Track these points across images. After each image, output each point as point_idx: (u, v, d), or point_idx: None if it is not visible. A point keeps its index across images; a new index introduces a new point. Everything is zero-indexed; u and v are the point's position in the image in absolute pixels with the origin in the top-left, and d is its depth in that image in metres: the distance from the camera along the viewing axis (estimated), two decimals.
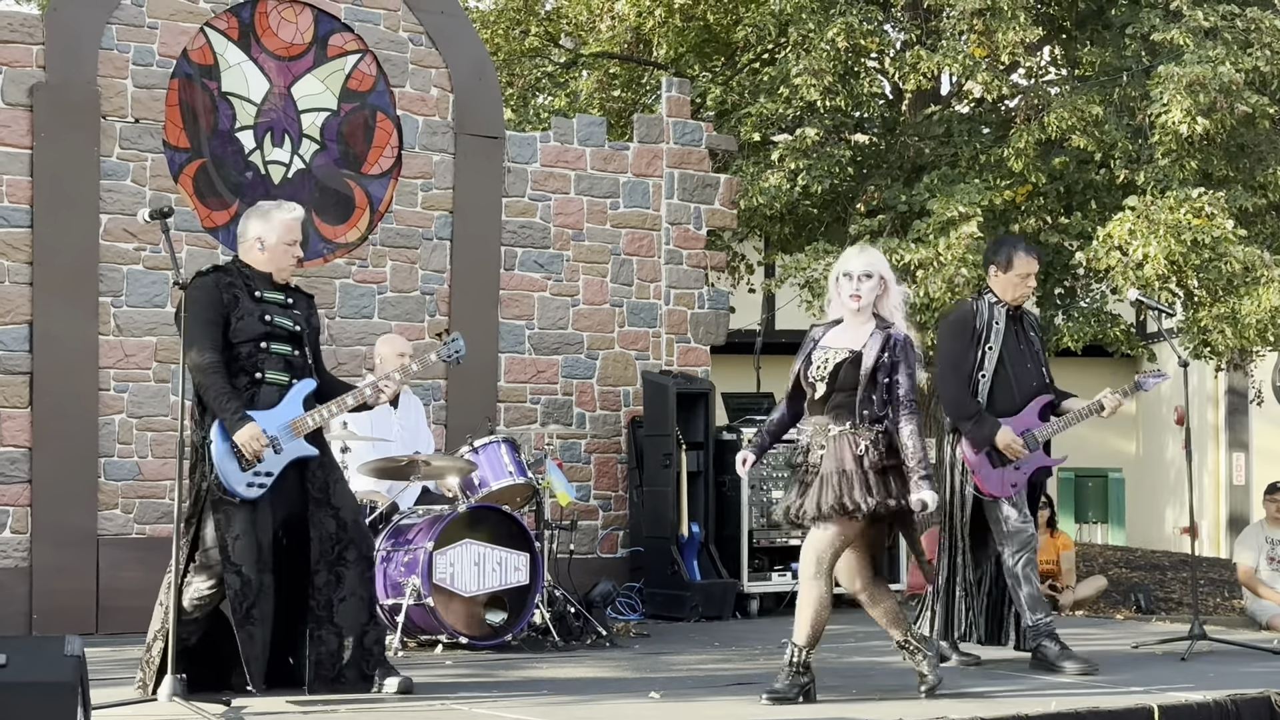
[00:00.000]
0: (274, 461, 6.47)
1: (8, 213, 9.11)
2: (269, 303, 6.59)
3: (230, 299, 6.51)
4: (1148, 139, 11.58)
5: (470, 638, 8.19)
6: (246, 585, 6.36)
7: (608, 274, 11.03)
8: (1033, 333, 7.64)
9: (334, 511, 6.61)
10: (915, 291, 11.33)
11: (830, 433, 6.39)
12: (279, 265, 6.67)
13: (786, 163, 12.25)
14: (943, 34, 12.11)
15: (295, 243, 6.71)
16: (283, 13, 9.98)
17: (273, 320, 6.56)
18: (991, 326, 7.44)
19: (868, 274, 6.44)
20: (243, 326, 6.50)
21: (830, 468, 6.33)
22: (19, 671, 4.70)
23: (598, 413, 10.95)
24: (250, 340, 6.51)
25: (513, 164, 10.72)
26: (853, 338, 6.46)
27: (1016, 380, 7.43)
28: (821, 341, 6.54)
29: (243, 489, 6.42)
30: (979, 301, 7.58)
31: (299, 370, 6.63)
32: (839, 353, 6.43)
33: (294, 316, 6.65)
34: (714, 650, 8.62)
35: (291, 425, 6.52)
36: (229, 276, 6.60)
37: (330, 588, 6.54)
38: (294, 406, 6.56)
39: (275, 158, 9.90)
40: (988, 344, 7.43)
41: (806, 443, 6.50)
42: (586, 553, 10.62)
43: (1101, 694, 6.67)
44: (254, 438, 6.36)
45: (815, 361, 6.47)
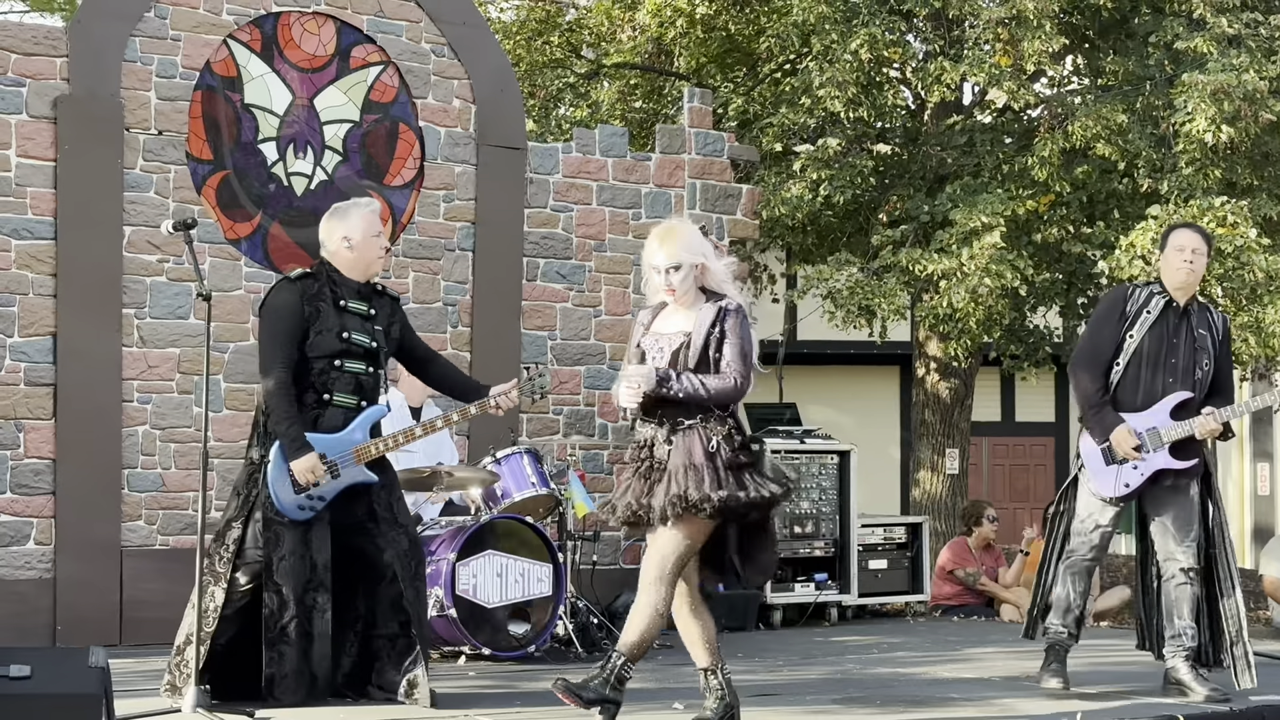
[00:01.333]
0: (329, 486, 6.45)
1: (32, 225, 9.14)
2: (351, 314, 6.54)
3: (312, 311, 6.47)
4: (1171, 148, 11.55)
5: (493, 649, 8.18)
6: (284, 605, 6.37)
7: (630, 284, 11.02)
8: (1203, 331, 6.99)
9: (403, 529, 6.63)
10: (939, 302, 11.31)
11: (681, 425, 5.91)
12: (368, 260, 6.62)
13: (809, 173, 12.24)
14: (965, 44, 12.10)
15: (380, 234, 6.70)
16: (305, 25, 10.00)
17: (350, 337, 6.50)
18: (1141, 314, 6.95)
19: (675, 266, 5.99)
20: (320, 342, 6.47)
21: (678, 462, 5.87)
22: (44, 683, 4.71)
23: (620, 423, 10.94)
24: (325, 357, 6.47)
25: (535, 175, 10.73)
26: (684, 319, 6.03)
27: (1151, 375, 6.92)
28: (652, 328, 6.11)
29: (294, 511, 6.42)
30: (1140, 287, 7.12)
31: (368, 392, 6.59)
32: (673, 338, 6.00)
33: (372, 331, 6.59)
34: (737, 661, 8.58)
35: (355, 452, 6.49)
36: (317, 283, 6.54)
37: (416, 604, 6.56)
38: (360, 433, 6.53)
39: (298, 169, 9.92)
40: (1129, 331, 6.94)
41: (649, 436, 5.98)
42: (609, 564, 10.60)
43: (1126, 704, 6.64)
44: (310, 469, 6.36)
45: (649, 350, 6.04)
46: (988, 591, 11.64)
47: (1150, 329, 6.94)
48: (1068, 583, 7.09)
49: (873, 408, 19.10)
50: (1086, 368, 7.02)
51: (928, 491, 13.99)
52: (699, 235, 6.13)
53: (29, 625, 8.83)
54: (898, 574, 11.31)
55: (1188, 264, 6.96)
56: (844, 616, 10.89)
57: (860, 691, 7.12)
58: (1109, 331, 7.00)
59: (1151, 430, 6.88)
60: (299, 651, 6.40)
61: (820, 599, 10.70)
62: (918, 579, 11.40)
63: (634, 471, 5.99)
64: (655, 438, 5.94)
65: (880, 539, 11.27)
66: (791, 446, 10.81)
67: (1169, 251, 7.02)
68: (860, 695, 6.98)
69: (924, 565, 11.41)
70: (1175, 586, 6.93)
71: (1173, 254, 7.00)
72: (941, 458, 14.07)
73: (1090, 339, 7.09)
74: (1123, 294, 7.11)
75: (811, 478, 10.84)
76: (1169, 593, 6.96)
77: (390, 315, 6.73)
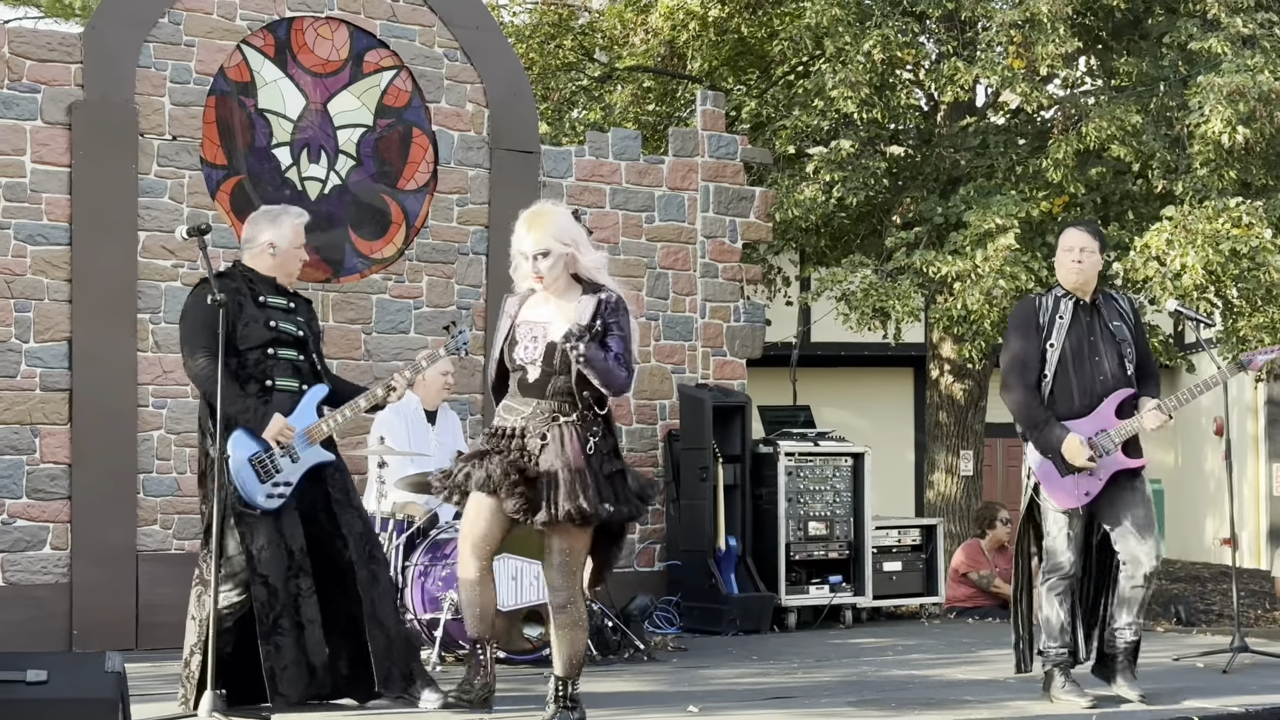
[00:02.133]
0: (292, 470, 6.52)
1: (47, 231, 9.16)
2: (272, 308, 6.64)
3: (234, 306, 6.51)
4: (1186, 149, 11.52)
5: (508, 652, 8.18)
6: (273, 595, 6.40)
7: (643, 287, 11.04)
8: (1117, 321, 6.97)
9: (358, 512, 6.69)
10: (953, 304, 11.30)
11: (557, 421, 5.78)
12: (289, 269, 6.74)
13: (822, 175, 12.24)
14: (979, 45, 12.09)
15: (304, 246, 6.79)
16: (319, 30, 10.02)
17: (277, 325, 6.60)
18: (1054, 322, 6.92)
19: (543, 252, 5.82)
20: (248, 333, 6.53)
21: (559, 464, 5.72)
22: (60, 688, 4.73)
23: (634, 426, 10.95)
24: (257, 347, 6.55)
25: (548, 178, 10.74)
26: (556, 309, 5.87)
27: (1079, 379, 6.86)
28: (521, 316, 5.93)
29: (262, 500, 6.46)
30: (1043, 297, 7.07)
31: (306, 376, 6.66)
32: (548, 328, 5.84)
33: (297, 322, 6.69)
34: (752, 664, 8.60)
35: (307, 433, 6.55)
36: (233, 282, 6.61)
37: (370, 586, 6.58)
38: (308, 414, 6.59)
39: (312, 174, 9.94)
40: (1049, 340, 6.90)
41: (517, 425, 5.83)
42: (624, 567, 10.58)
43: (1143, 707, 6.63)
44: (281, 430, 6.43)
45: (521, 340, 5.85)
46: (1002, 594, 11.62)
47: (1068, 334, 6.91)
48: (1053, 604, 6.90)
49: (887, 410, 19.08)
50: (1018, 384, 6.92)
51: (942, 493, 13.97)
52: (571, 220, 6.02)
53: (45, 630, 8.85)
54: (912, 576, 11.31)
55: (1076, 264, 6.94)
56: (859, 619, 10.89)
57: (875, 694, 7.12)
58: (1030, 345, 6.94)
59: (1101, 433, 6.82)
60: (293, 641, 6.42)
61: (835, 601, 10.70)
62: (932, 581, 11.40)
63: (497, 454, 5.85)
64: (526, 429, 5.83)
65: (895, 541, 11.27)
66: (806, 449, 10.81)
67: (1059, 253, 7.02)
68: (875, 698, 6.98)
69: (938, 567, 11.40)
70: (1132, 588, 6.88)
71: (1062, 254, 6.99)
72: (956, 459, 14.05)
73: (1013, 355, 6.98)
74: (1031, 306, 7.05)
75: (826, 480, 10.84)
76: (1124, 591, 6.89)
77: (309, 313, 6.83)
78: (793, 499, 10.66)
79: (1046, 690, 6.90)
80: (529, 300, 5.96)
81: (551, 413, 5.80)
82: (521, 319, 5.93)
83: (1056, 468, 6.84)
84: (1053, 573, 6.91)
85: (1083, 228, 7.05)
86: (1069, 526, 6.88)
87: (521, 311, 5.96)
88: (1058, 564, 6.89)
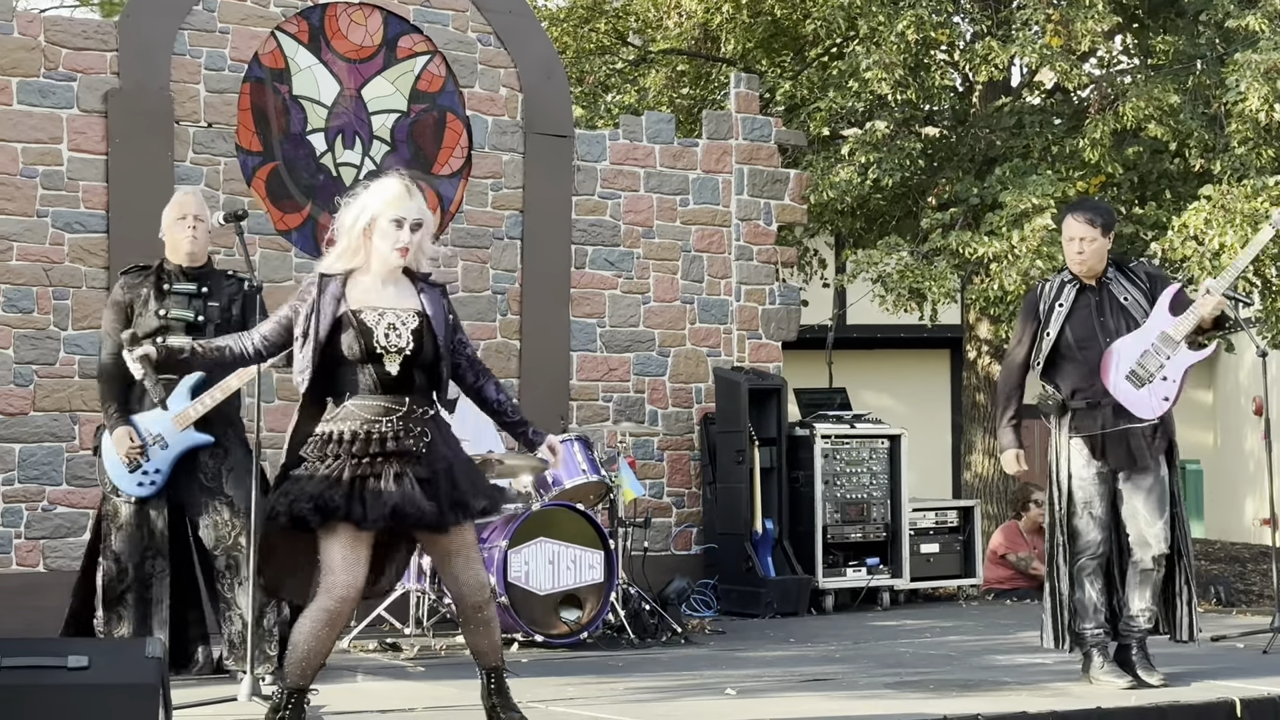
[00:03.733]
0: (162, 458, 6.82)
1: (84, 218, 9.21)
2: (176, 294, 6.90)
3: (134, 298, 6.88)
4: (1223, 127, 11.44)
5: (546, 636, 8.21)
6: (122, 573, 6.80)
7: (678, 271, 11.03)
8: (1128, 298, 6.89)
9: (228, 499, 6.82)
10: (990, 285, 11.26)
11: (427, 414, 5.30)
12: (181, 249, 6.98)
13: (857, 156, 12.19)
14: (1014, 24, 12.02)
15: (185, 218, 6.98)
16: (352, 15, 10.03)
17: (168, 314, 6.85)
18: (1054, 309, 6.90)
19: (419, 222, 5.31)
20: (141, 323, 6.81)
21: (447, 456, 5.32)
22: (101, 673, 4.75)
23: (670, 410, 10.95)
24: (148, 336, 6.60)
25: (582, 162, 10.73)
26: (396, 294, 5.33)
27: (1088, 362, 6.81)
28: (354, 299, 5.27)
29: (133, 488, 6.83)
30: (1050, 281, 7.06)
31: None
32: (402, 315, 5.29)
33: (199, 306, 6.90)
34: (789, 646, 8.60)
35: (174, 419, 6.79)
36: (141, 275, 6.95)
37: (231, 572, 6.79)
38: (179, 401, 6.82)
39: (346, 160, 9.96)
40: (1045, 329, 6.91)
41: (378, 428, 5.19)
42: (661, 550, 10.61)
43: (1183, 687, 6.60)
44: (119, 440, 6.77)
45: (373, 325, 5.22)
46: (1040, 575, 11.58)
47: (1069, 319, 6.89)
48: (1084, 585, 6.87)
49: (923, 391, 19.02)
50: (1005, 372, 7.12)
51: (979, 475, 13.93)
52: None
53: None
54: (950, 558, 11.29)
55: (1079, 255, 6.91)
56: (896, 601, 10.88)
57: (914, 675, 7.11)
58: (1026, 335, 7.01)
59: (1161, 336, 6.74)
60: (138, 616, 6.79)
61: (872, 584, 10.69)
62: (970, 563, 11.37)
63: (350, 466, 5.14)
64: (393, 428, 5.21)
65: (932, 523, 11.25)
66: (842, 431, 10.80)
67: (1063, 240, 7.02)
68: (914, 679, 6.97)
69: (976, 549, 11.37)
70: (1141, 571, 6.83)
71: (1066, 244, 7.00)
72: (993, 441, 14.00)
73: (1012, 344, 7.13)
74: (1034, 295, 7.08)
75: (862, 462, 10.83)
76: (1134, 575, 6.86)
77: (232, 294, 7.02)
78: (829, 481, 10.65)
79: (1085, 671, 6.87)
80: (350, 280, 5.32)
81: (421, 408, 5.29)
82: (361, 303, 5.27)
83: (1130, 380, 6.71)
84: (1082, 553, 6.88)
85: (1082, 214, 6.94)
86: (1091, 500, 6.84)
87: (352, 294, 5.29)
88: (1086, 543, 6.87)
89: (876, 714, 5.98)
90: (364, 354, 5.21)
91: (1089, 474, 6.87)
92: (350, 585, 5.13)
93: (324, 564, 5.16)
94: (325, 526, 5.11)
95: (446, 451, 5.34)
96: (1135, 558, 6.85)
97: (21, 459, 8.97)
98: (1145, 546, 6.80)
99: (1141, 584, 6.85)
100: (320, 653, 5.18)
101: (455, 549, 5.33)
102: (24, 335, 9.03)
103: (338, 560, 5.12)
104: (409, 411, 5.24)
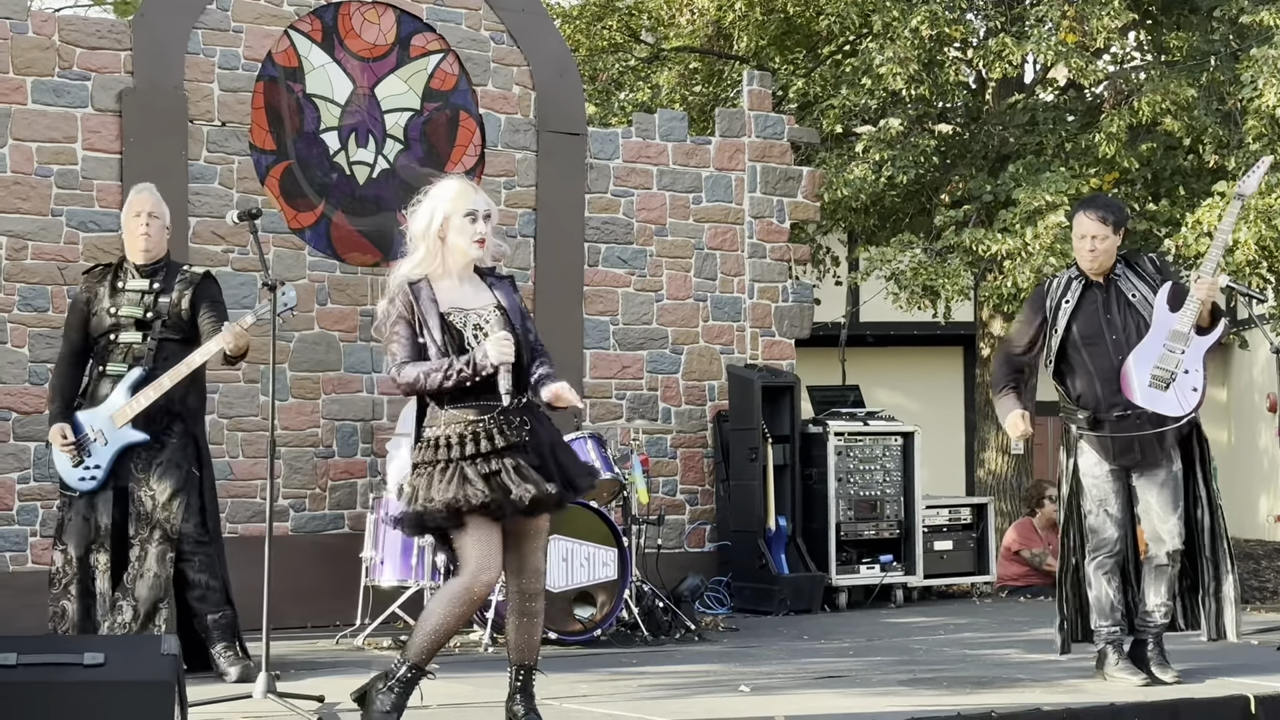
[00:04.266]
0: (101, 454, 6.97)
1: (99, 217, 9.23)
2: (128, 292, 7.04)
3: (90, 297, 7.07)
4: (1238, 124, 11.42)
5: (559, 633, 8.21)
6: (67, 563, 6.96)
7: (691, 269, 11.03)
8: (1135, 293, 6.88)
9: (151, 493, 6.95)
10: (1003, 282, 11.25)
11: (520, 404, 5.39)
12: (132, 244, 7.13)
13: (871, 153, 12.19)
14: (1027, 21, 12.01)
15: (140, 215, 7.11)
16: (365, 14, 10.04)
17: (118, 311, 7.00)
18: (1060, 307, 6.88)
19: (489, 213, 5.44)
20: (95, 323, 7.05)
21: (550, 439, 5.46)
22: (118, 670, 4.77)
23: (683, 407, 10.95)
24: (102, 334, 7.03)
25: (595, 160, 10.74)
26: (473, 292, 5.45)
27: (1094, 361, 6.81)
28: (442, 300, 5.40)
29: (75, 481, 7.01)
30: (1058, 278, 7.05)
31: (140, 358, 7.01)
32: (482, 313, 5.42)
33: (148, 303, 7.02)
34: (803, 643, 8.61)
35: (113, 416, 6.93)
36: (99, 275, 7.14)
37: (140, 562, 6.92)
38: (119, 397, 6.94)
39: (360, 158, 9.97)
40: (1053, 326, 6.89)
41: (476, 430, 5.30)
42: (674, 547, 10.62)
43: (1197, 684, 6.60)
44: (53, 436, 6.98)
45: (465, 328, 5.36)
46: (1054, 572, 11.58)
47: (1076, 316, 6.87)
48: (1100, 582, 6.86)
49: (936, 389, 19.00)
50: (998, 359, 7.26)
51: (993, 472, 13.92)
52: None
53: None
54: (963, 555, 11.29)
55: (1090, 252, 6.90)
56: (909, 598, 10.88)
57: (927, 673, 7.11)
58: (1027, 330, 7.03)
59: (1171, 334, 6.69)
60: (82, 608, 6.92)
61: (885, 581, 10.69)
62: (983, 560, 11.37)
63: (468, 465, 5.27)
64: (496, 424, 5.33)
65: (945, 520, 11.25)
66: (855, 428, 10.81)
67: (1074, 237, 7.00)
68: (927, 677, 6.98)
69: (989, 546, 11.37)
70: (1156, 567, 6.85)
71: (1077, 241, 6.97)
72: (1006, 438, 13.99)
73: (1011, 332, 7.15)
74: (1040, 292, 7.07)
75: (876, 459, 10.83)
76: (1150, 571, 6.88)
77: (183, 290, 7.08)
78: (842, 479, 10.65)
79: (1100, 669, 6.87)
80: (435, 284, 5.43)
81: (520, 398, 5.39)
82: (447, 305, 5.41)
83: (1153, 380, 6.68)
84: (1099, 550, 6.88)
85: (1094, 212, 6.92)
86: (1104, 498, 6.83)
87: (439, 296, 5.43)
88: (1102, 540, 6.87)
89: (890, 710, 5.98)
90: (457, 355, 5.33)
91: (1102, 471, 6.86)
92: (491, 570, 5.29)
93: (462, 556, 5.31)
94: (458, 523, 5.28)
95: (546, 435, 5.47)
96: (1151, 553, 6.86)
97: (36, 457, 8.99)
98: (1159, 542, 6.80)
99: (1157, 579, 6.85)
100: (448, 632, 5.34)
101: (532, 533, 5.47)
102: (39, 334, 9.05)
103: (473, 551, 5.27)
104: (505, 405, 5.34)
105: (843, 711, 6.01)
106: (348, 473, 9.68)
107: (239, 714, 5.94)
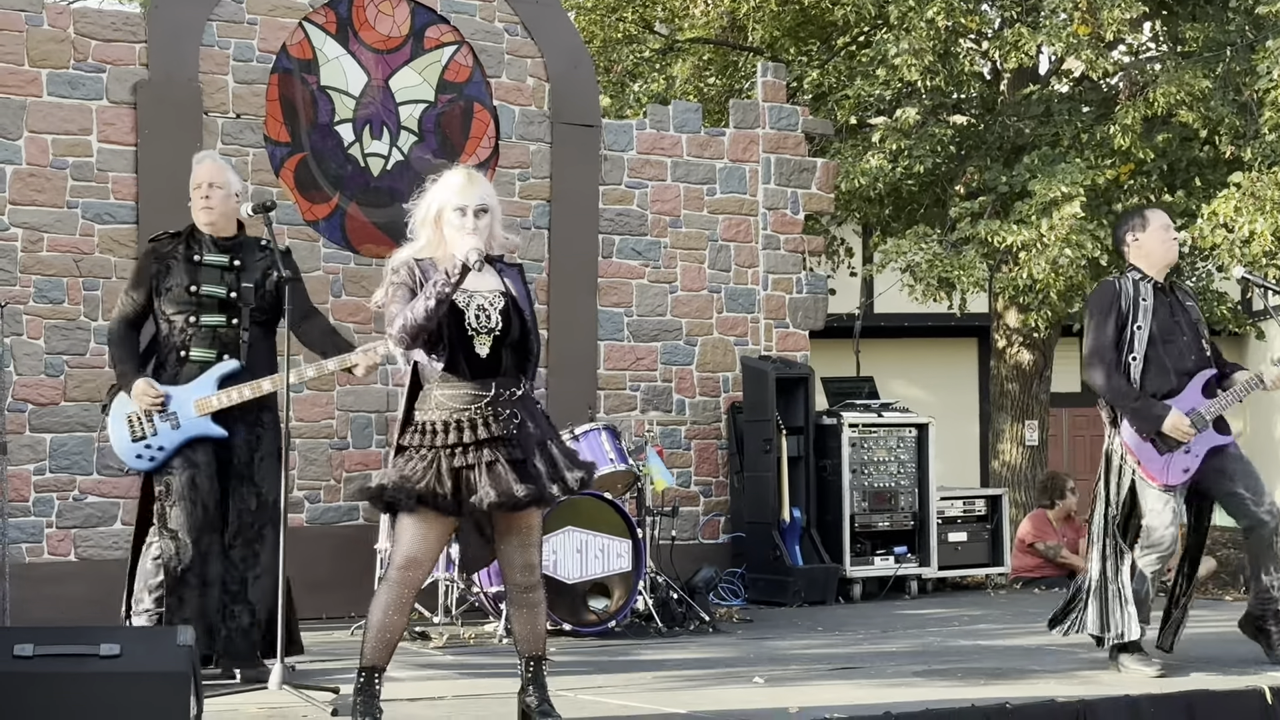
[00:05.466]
0: (169, 437, 6.46)
1: (114, 209, 9.25)
2: (208, 267, 6.57)
3: (161, 269, 6.56)
4: (1254, 114, 11.39)
5: (574, 625, 8.22)
6: (182, 549, 6.42)
7: (705, 260, 11.03)
8: (1190, 302, 7.08)
9: (256, 489, 6.58)
10: (1019, 273, 11.23)
11: (514, 396, 5.39)
12: (202, 219, 6.64)
13: (888, 144, 12.17)
14: (1042, 12, 11.99)
15: (200, 187, 6.67)
16: (380, 6, 10.05)
17: (199, 290, 6.53)
18: (1139, 304, 6.92)
19: (484, 208, 5.43)
20: (171, 298, 6.54)
21: (540, 435, 5.42)
22: (133, 661, 4.78)
23: (697, 399, 10.95)
24: (180, 313, 6.52)
25: (609, 152, 10.74)
26: (482, 277, 5.40)
27: (1170, 358, 6.86)
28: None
29: (130, 459, 6.50)
30: (1122, 280, 7.03)
31: (228, 345, 6.57)
32: (488, 297, 5.42)
33: (231, 282, 6.58)
34: (817, 635, 8.60)
35: (195, 404, 6.48)
36: (172, 244, 6.60)
37: (246, 564, 6.56)
38: (206, 386, 6.51)
39: (374, 150, 9.98)
40: (1136, 324, 6.89)
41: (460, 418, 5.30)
42: (688, 539, 10.62)
43: (1212, 675, 6.59)
44: (143, 392, 6.42)
45: (467, 309, 5.36)
46: (1069, 564, 11.57)
47: (1154, 316, 6.92)
48: (1143, 580, 6.88)
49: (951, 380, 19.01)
50: (1103, 366, 6.91)
51: (1007, 463, 13.91)
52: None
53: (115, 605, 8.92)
54: (978, 546, 11.28)
55: (1174, 240, 7.07)
56: (924, 590, 10.87)
57: (942, 664, 7.11)
58: (1112, 328, 6.94)
59: (1193, 411, 6.80)
60: (199, 596, 6.47)
61: (900, 572, 10.68)
62: (998, 551, 11.36)
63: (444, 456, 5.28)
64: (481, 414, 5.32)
65: (960, 511, 11.24)
66: (870, 420, 10.79)
67: (1156, 231, 7.01)
68: (942, 668, 6.97)
69: (1004, 537, 11.36)
70: (1266, 548, 6.88)
71: (1161, 233, 7.01)
72: (1021, 429, 13.98)
73: (1095, 338, 6.96)
74: (1113, 289, 7.03)
75: (890, 451, 10.82)
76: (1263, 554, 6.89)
77: (266, 266, 6.64)
78: (857, 470, 10.64)
79: (1114, 659, 6.88)
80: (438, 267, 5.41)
81: (509, 389, 5.39)
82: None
83: (1155, 447, 6.80)
84: (1152, 549, 6.85)
85: (1165, 213, 7.12)
86: (1174, 502, 6.81)
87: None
88: (1158, 540, 6.82)
89: (904, 701, 5.97)
90: (456, 336, 5.33)
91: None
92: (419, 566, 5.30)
93: (396, 541, 5.34)
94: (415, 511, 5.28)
95: (537, 430, 5.42)
96: (1257, 536, 6.88)
97: (53, 449, 9.02)
98: (1263, 525, 6.86)
99: (1264, 556, 6.90)
100: (392, 627, 5.33)
101: (517, 528, 5.43)
102: (55, 326, 9.07)
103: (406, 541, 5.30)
104: (495, 396, 5.34)
105: (857, 703, 6.00)
106: (362, 464, 9.69)
107: (254, 705, 5.95)
